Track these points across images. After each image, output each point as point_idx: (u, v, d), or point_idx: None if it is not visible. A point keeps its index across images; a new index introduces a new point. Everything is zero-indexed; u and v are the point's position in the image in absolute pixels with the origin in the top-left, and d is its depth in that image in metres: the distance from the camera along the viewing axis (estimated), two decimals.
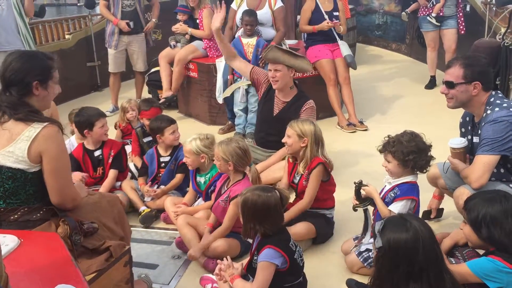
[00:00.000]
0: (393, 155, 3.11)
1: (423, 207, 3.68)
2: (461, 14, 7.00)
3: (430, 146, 3.15)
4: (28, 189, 2.48)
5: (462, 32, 7.01)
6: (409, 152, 3.05)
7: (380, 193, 3.25)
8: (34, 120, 2.43)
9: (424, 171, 3.20)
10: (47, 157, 2.42)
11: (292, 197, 3.41)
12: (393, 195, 3.13)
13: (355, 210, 3.32)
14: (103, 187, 4.10)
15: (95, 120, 4.11)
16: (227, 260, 2.82)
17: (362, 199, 3.24)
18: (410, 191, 3.11)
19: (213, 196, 3.62)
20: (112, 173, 4.18)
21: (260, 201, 2.63)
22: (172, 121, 4.34)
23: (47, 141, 2.41)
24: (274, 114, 4.48)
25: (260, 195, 2.64)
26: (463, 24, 7.01)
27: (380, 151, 3.22)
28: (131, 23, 6.55)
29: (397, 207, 3.07)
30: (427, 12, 6.99)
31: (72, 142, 4.52)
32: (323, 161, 3.49)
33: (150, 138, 4.72)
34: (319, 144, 3.53)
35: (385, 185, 3.25)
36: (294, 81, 4.56)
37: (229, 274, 2.74)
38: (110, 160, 4.19)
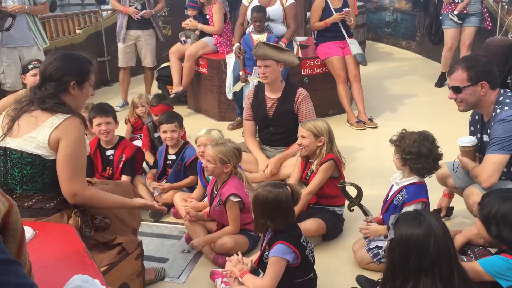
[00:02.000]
0: (396, 149, 3.14)
1: (432, 207, 3.67)
2: (485, 9, 6.85)
3: (440, 154, 3.08)
4: (45, 177, 2.52)
5: (489, 27, 6.83)
6: (408, 152, 3.04)
7: (387, 194, 3.26)
8: (60, 111, 2.52)
9: (426, 176, 3.13)
10: (63, 143, 2.47)
11: None
12: (401, 198, 3.11)
13: (351, 210, 3.36)
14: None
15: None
16: (237, 255, 2.84)
17: (352, 198, 3.29)
18: (418, 193, 3.08)
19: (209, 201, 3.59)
20: (124, 179, 4.04)
21: (271, 196, 2.62)
22: (166, 121, 4.18)
23: (67, 128, 2.49)
24: (271, 116, 4.51)
25: (271, 191, 2.64)
26: (489, 19, 6.84)
27: (391, 142, 3.23)
28: (139, 5, 6.47)
29: None
30: (450, 9, 6.89)
31: None
32: (335, 157, 3.52)
33: None
34: (333, 141, 3.58)
35: (392, 185, 3.25)
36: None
37: (239, 269, 2.74)
38: (120, 165, 4.09)
